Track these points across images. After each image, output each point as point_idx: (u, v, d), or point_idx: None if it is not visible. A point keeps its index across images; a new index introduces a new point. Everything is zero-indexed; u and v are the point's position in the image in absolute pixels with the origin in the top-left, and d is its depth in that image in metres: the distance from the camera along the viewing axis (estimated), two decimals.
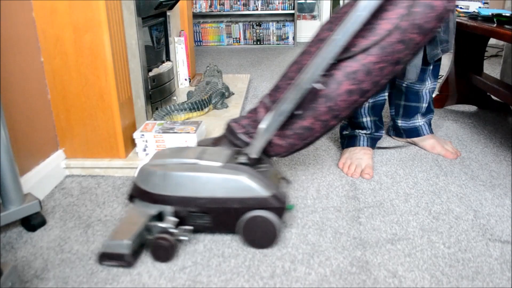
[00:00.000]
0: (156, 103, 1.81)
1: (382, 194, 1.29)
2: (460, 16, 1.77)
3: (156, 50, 1.90)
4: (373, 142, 1.54)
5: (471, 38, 1.98)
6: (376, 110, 1.50)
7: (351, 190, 1.31)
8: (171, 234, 0.99)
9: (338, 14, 1.04)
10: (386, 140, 1.69)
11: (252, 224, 1.01)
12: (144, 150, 1.44)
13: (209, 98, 1.90)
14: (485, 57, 2.11)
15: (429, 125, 1.62)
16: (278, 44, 4.26)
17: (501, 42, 3.59)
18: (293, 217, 1.17)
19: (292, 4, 4.16)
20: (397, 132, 1.68)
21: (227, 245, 1.05)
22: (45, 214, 1.19)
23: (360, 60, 0.97)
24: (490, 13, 1.62)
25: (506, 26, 1.44)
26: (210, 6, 4.24)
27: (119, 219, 1.16)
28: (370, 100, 1.47)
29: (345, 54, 0.97)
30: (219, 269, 0.97)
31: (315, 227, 1.12)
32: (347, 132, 1.56)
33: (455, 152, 1.55)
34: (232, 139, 1.14)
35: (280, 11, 4.22)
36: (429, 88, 1.57)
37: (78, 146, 1.42)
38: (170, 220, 1.01)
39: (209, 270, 0.96)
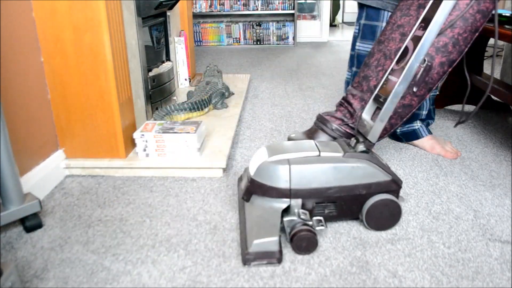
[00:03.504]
0: (156, 103, 1.81)
1: None
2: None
3: (156, 50, 1.90)
4: None
5: None
6: None
7: None
8: (309, 226, 1.01)
9: (408, 1, 1.15)
10: (386, 141, 1.69)
11: (379, 207, 1.07)
12: (144, 150, 1.44)
13: (209, 98, 1.90)
14: (485, 57, 2.11)
15: (427, 126, 1.62)
16: (278, 44, 4.26)
17: (501, 42, 3.59)
18: None
19: (292, 4, 4.16)
20: (396, 137, 1.68)
21: (228, 245, 1.05)
22: (45, 214, 1.19)
23: (448, 34, 1.11)
24: None
25: (506, 26, 1.44)
26: (210, 6, 4.24)
27: (240, 217, 1.12)
28: None
29: None
30: (219, 269, 0.97)
31: None
32: None
33: (455, 152, 1.55)
34: (328, 131, 1.23)
35: (280, 11, 4.22)
36: (430, 96, 1.57)
37: (78, 146, 1.42)
38: (303, 212, 1.03)
39: (209, 270, 0.96)
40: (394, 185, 1.08)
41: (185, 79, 2.37)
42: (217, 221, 1.15)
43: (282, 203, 1.04)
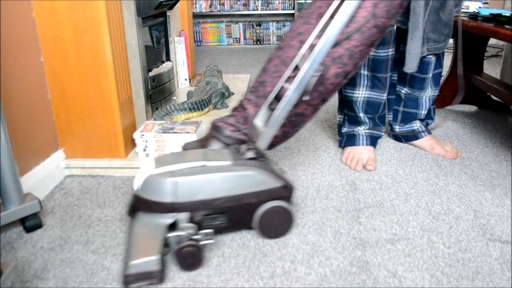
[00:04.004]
0: (156, 103, 1.81)
1: (382, 194, 1.29)
2: (460, 16, 1.77)
3: (156, 50, 1.90)
4: (373, 140, 1.54)
5: (471, 38, 1.98)
6: (370, 107, 1.50)
7: (351, 190, 1.31)
8: (195, 240, 0.95)
9: (310, 9, 1.15)
10: (386, 141, 1.69)
11: (270, 215, 1.05)
12: (144, 150, 1.44)
13: (209, 98, 1.90)
14: (485, 57, 2.11)
15: (426, 127, 1.62)
16: (278, 44, 4.26)
17: (501, 42, 3.59)
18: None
19: (292, 4, 4.17)
20: (395, 137, 1.68)
21: (227, 245, 1.05)
22: (45, 214, 1.19)
23: (344, 45, 1.09)
24: (490, 13, 1.62)
25: (506, 26, 1.44)
26: (210, 6, 4.25)
27: (127, 235, 1.07)
28: (365, 95, 1.48)
29: None
30: (219, 269, 0.97)
31: (315, 227, 1.12)
32: (345, 130, 1.56)
33: (455, 152, 1.55)
34: (221, 138, 1.18)
35: (280, 11, 4.22)
36: (430, 96, 1.57)
37: (78, 146, 1.42)
38: (189, 226, 0.97)
39: (209, 270, 0.96)
40: (285, 191, 1.05)
41: (185, 79, 2.37)
42: None
43: (167, 219, 0.99)
